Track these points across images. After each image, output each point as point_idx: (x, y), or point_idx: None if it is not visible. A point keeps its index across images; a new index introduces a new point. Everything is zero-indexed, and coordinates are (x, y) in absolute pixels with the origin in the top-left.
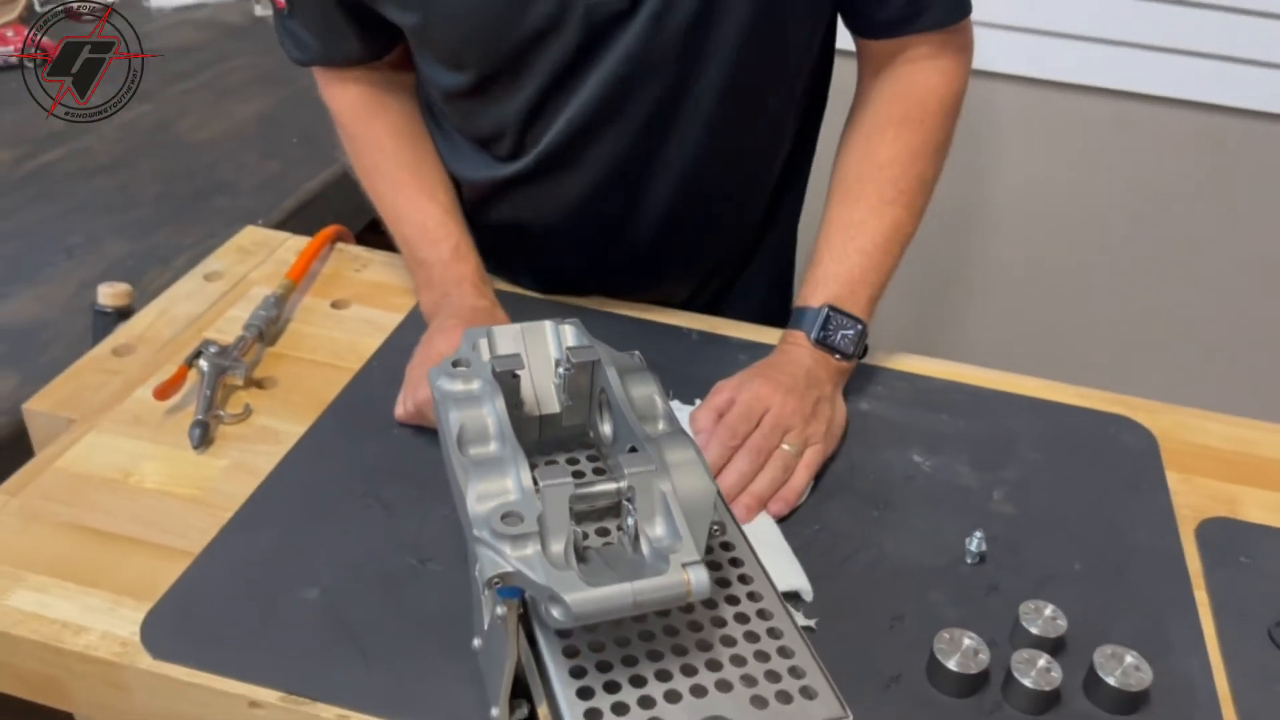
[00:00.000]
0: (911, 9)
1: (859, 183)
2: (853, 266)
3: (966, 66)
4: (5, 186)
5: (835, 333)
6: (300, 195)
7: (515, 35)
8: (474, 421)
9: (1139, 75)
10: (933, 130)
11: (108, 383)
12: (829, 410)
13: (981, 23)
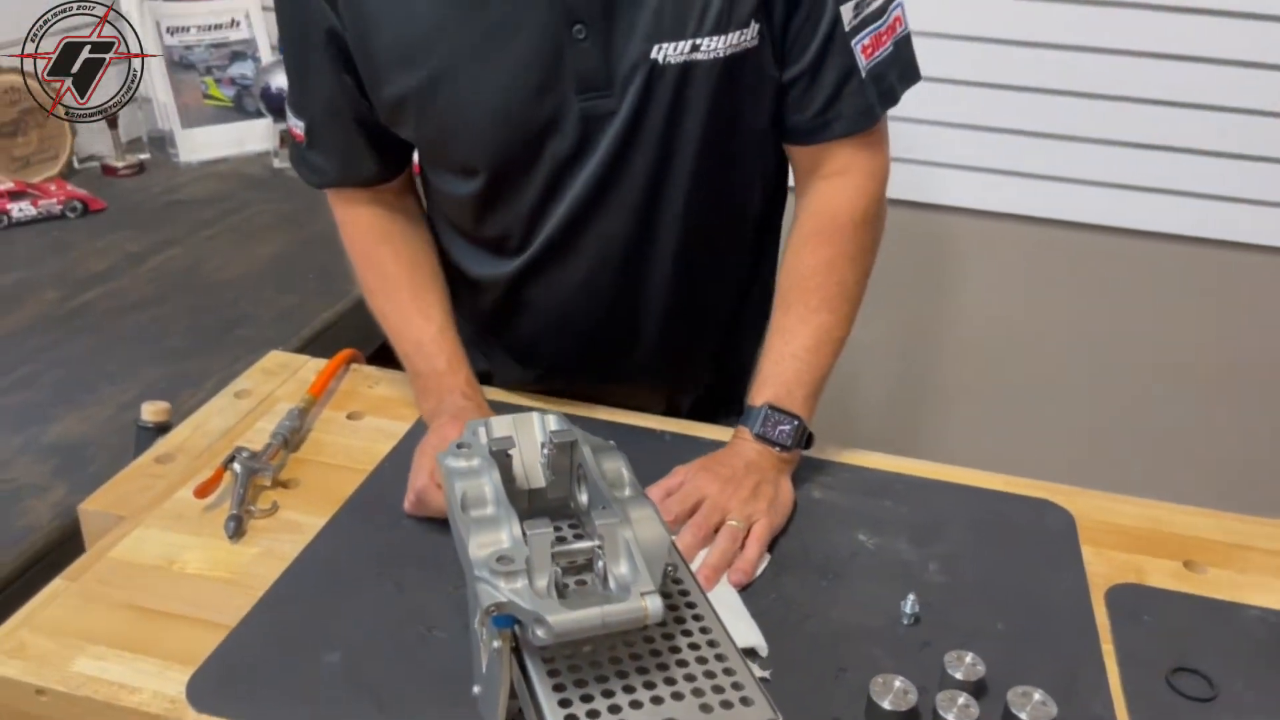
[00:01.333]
0: (821, 119)
1: (789, 292)
2: (787, 369)
3: (878, 178)
4: (52, 322)
5: (774, 428)
6: (316, 325)
7: (520, 141)
8: (474, 490)
9: (1049, 204)
10: (845, 243)
11: (152, 486)
12: (771, 490)
13: (946, 164)
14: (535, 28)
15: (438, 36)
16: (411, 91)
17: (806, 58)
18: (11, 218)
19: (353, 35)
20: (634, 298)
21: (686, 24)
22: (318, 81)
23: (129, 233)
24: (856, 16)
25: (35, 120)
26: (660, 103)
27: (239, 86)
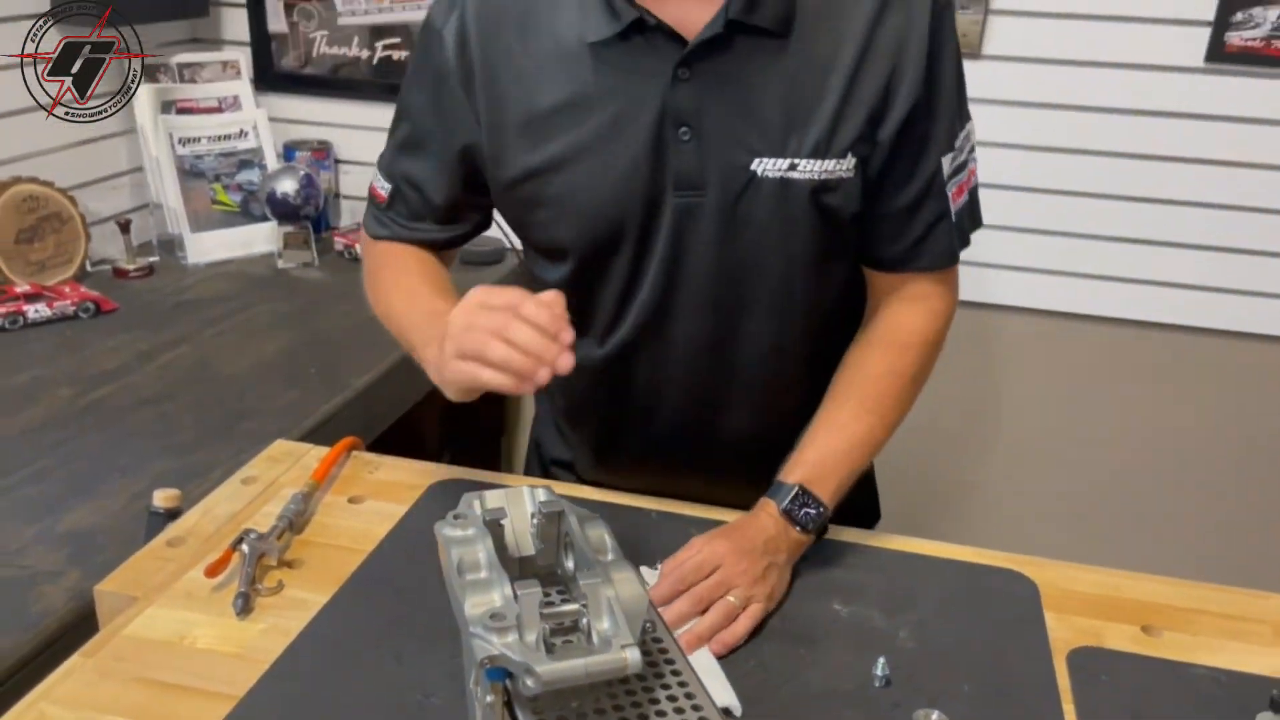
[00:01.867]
0: (912, 253)
1: (847, 388)
2: (827, 458)
3: (948, 311)
4: (66, 417)
5: (800, 509)
6: (318, 416)
7: (620, 225)
8: (469, 555)
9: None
10: (913, 360)
11: (164, 567)
12: (776, 577)
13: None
14: (645, 125)
15: (560, 125)
16: (531, 172)
17: (907, 197)
18: (28, 318)
19: (487, 112)
20: (718, 391)
21: (787, 144)
22: (424, 160)
23: (139, 332)
24: (952, 166)
25: (52, 226)
26: (751, 211)
27: (245, 192)
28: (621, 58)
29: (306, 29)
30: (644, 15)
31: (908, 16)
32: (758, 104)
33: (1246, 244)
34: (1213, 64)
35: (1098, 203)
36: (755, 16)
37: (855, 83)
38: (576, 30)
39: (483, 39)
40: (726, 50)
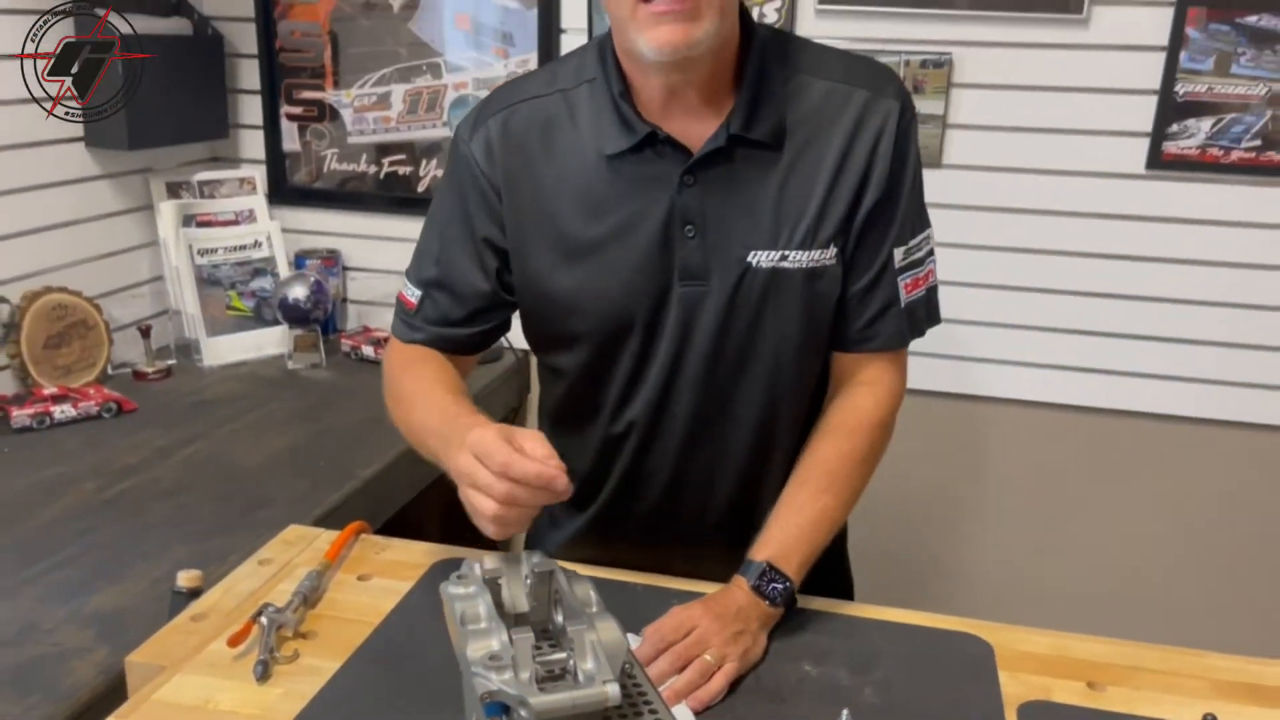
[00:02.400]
0: (864, 333)
1: (806, 472)
2: (790, 537)
3: (897, 395)
4: (91, 509)
5: (768, 584)
6: (328, 504)
7: (631, 314)
8: (470, 609)
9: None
10: (862, 443)
11: (189, 639)
12: (749, 640)
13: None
14: (655, 225)
15: (579, 226)
16: (553, 267)
17: (863, 281)
18: (54, 418)
19: (511, 218)
20: (711, 465)
21: (779, 238)
22: (453, 262)
23: (158, 430)
24: (905, 260)
25: (79, 332)
26: (748, 297)
27: (259, 299)
28: (635, 167)
29: (318, 147)
30: (655, 130)
31: (880, 127)
32: (754, 205)
33: (1192, 335)
34: (1153, 170)
35: (1046, 297)
36: (752, 132)
37: (835, 185)
38: (594, 143)
39: (507, 150)
40: (727, 160)
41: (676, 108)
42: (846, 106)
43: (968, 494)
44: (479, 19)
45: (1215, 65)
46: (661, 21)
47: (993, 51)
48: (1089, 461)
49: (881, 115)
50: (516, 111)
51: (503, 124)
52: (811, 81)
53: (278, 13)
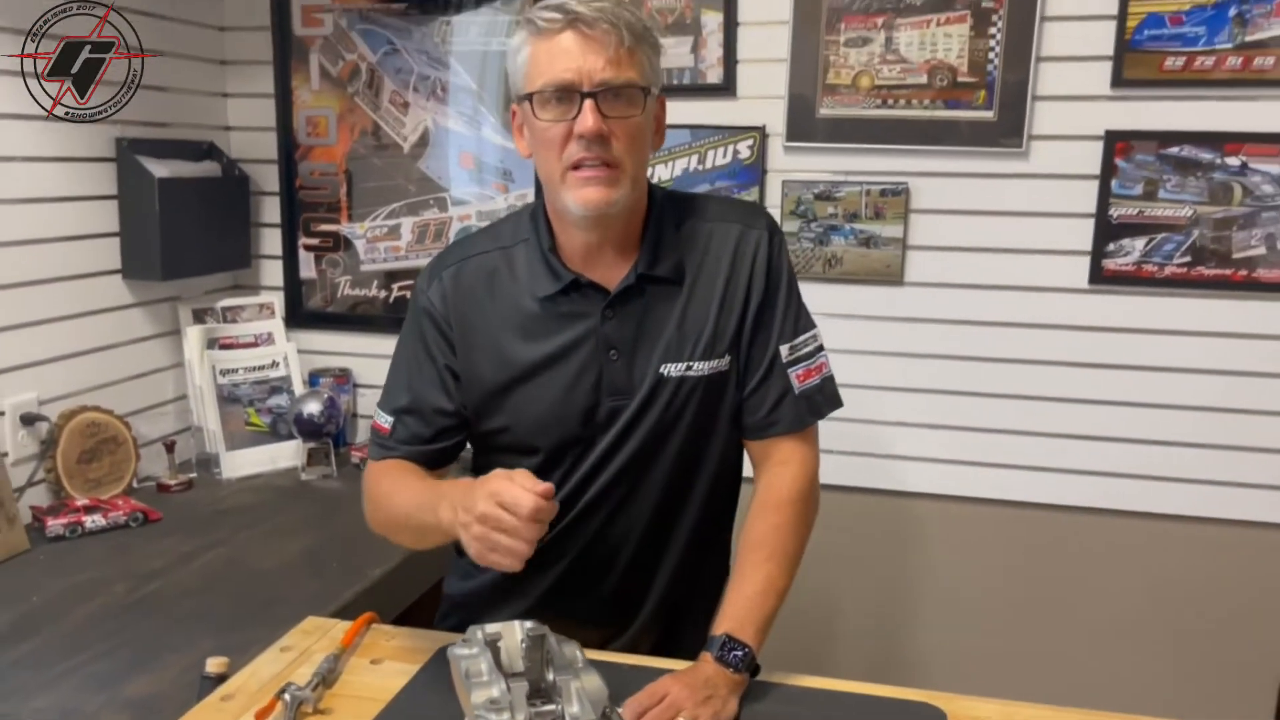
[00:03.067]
0: (767, 420)
1: (745, 549)
2: (741, 609)
3: (811, 467)
4: (122, 608)
5: (729, 654)
6: (341, 601)
7: (568, 427)
8: (474, 665)
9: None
10: (789, 515)
11: (219, 717)
12: (718, 705)
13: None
14: (585, 351)
15: (519, 355)
16: (499, 390)
17: (757, 377)
18: (85, 528)
19: (462, 355)
20: (621, 540)
21: (684, 352)
22: (418, 388)
23: (182, 537)
24: (791, 355)
25: (109, 448)
26: (663, 401)
27: (275, 415)
28: (563, 307)
29: (332, 275)
30: (578, 277)
31: (753, 252)
32: (662, 328)
33: (1133, 434)
34: (1094, 285)
35: (1001, 402)
36: (656, 270)
37: (724, 304)
38: (529, 288)
39: (458, 296)
40: (639, 295)
41: (595, 260)
42: (726, 240)
43: (923, 581)
44: (481, 158)
45: (1144, 191)
46: (587, 184)
47: (945, 181)
48: (1036, 551)
49: (753, 242)
50: (465, 265)
51: (454, 275)
52: (699, 224)
53: (298, 155)
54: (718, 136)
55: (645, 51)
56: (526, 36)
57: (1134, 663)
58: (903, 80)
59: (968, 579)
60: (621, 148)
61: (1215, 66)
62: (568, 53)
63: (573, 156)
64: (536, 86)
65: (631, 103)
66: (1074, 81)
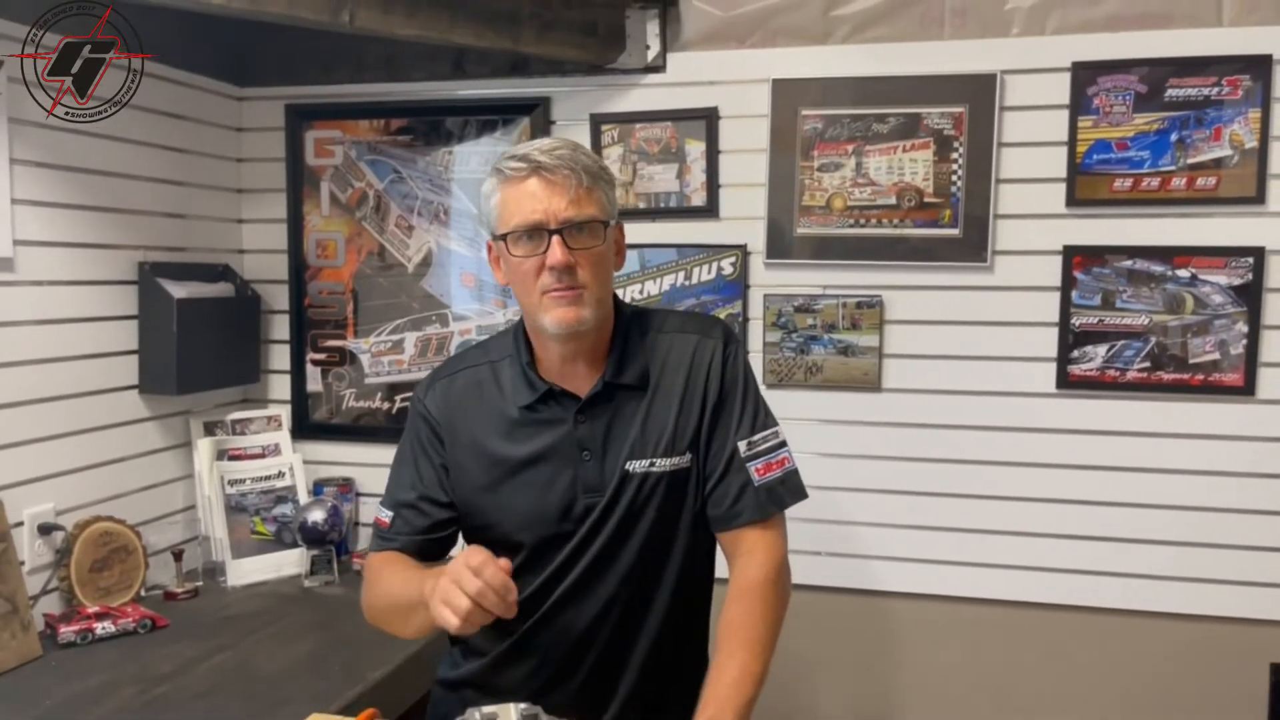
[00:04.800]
0: (730, 512)
1: (721, 638)
2: (720, 694)
3: (777, 553)
4: (133, 711)
5: None
6: (343, 701)
7: (547, 523)
8: None
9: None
10: (758, 599)
11: None
12: None
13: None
14: (561, 452)
15: (504, 463)
16: (485, 488)
17: (718, 472)
18: (95, 634)
19: (452, 457)
20: (596, 623)
21: (647, 450)
22: (417, 484)
23: (189, 642)
24: (749, 450)
25: (119, 557)
26: (629, 495)
27: (280, 524)
28: (540, 414)
29: (338, 388)
30: (551, 387)
31: (709, 365)
32: (628, 429)
33: (1102, 532)
34: (1061, 390)
35: (975, 502)
36: (622, 378)
37: (684, 406)
38: (512, 398)
39: (449, 404)
40: (607, 401)
41: (569, 371)
42: (684, 349)
43: (898, 676)
44: (481, 277)
45: (1102, 301)
46: (559, 304)
47: (916, 293)
48: (1010, 648)
49: (708, 351)
50: (457, 377)
51: (447, 386)
52: (659, 336)
53: (308, 275)
54: (702, 254)
55: (602, 188)
56: (496, 184)
57: None
58: (873, 201)
59: (941, 673)
60: (587, 274)
61: (1161, 187)
62: (534, 196)
63: (546, 285)
64: (510, 227)
65: (593, 234)
66: (1032, 201)
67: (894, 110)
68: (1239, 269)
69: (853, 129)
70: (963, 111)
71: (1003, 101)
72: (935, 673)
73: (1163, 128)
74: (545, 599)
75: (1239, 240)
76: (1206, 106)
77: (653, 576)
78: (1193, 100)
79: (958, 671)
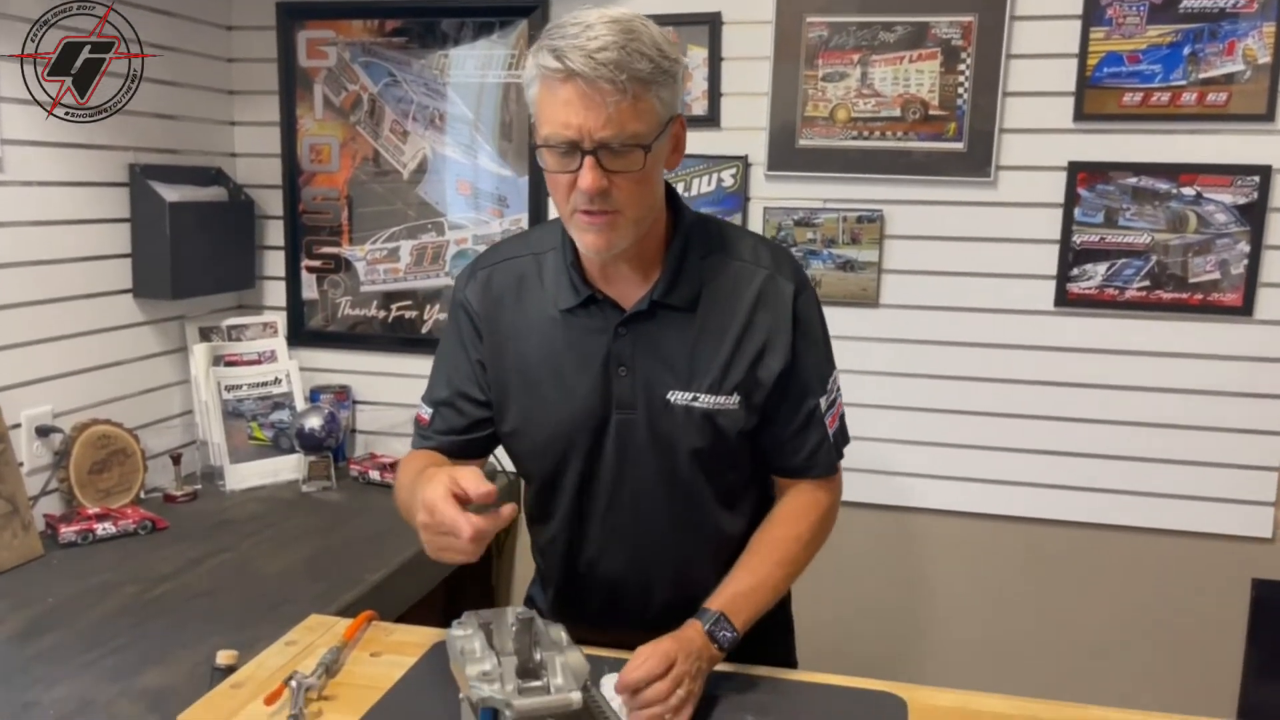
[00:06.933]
0: (804, 466)
1: (758, 545)
2: (740, 594)
3: (835, 495)
4: (134, 609)
5: (719, 630)
6: (341, 603)
7: (580, 433)
8: (468, 645)
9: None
10: (807, 528)
11: (230, 702)
12: (701, 679)
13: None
14: (596, 364)
15: (539, 364)
16: (519, 393)
17: (793, 428)
18: (96, 535)
19: (490, 351)
20: (647, 560)
21: (691, 384)
22: (457, 382)
23: (189, 544)
24: (827, 404)
25: (118, 460)
26: (667, 425)
27: (277, 429)
28: (581, 319)
29: (333, 295)
30: (595, 293)
31: (777, 308)
32: (672, 356)
33: (1097, 450)
34: (1060, 307)
35: (970, 419)
36: (671, 299)
37: (739, 347)
38: (553, 298)
39: (490, 296)
40: (651, 319)
41: (613, 274)
42: (750, 283)
43: (899, 586)
44: (478, 185)
45: (1105, 219)
46: (589, 229)
47: (918, 208)
48: (1005, 560)
49: (779, 291)
50: (499, 268)
51: (488, 277)
52: (726, 261)
53: (302, 180)
54: (703, 165)
55: (655, 92)
56: (535, 74)
57: (1101, 663)
58: (877, 113)
59: (930, 586)
60: (623, 196)
61: (1171, 102)
62: (569, 106)
63: (576, 205)
64: (543, 134)
65: (632, 158)
66: (1039, 115)
67: (901, 19)
68: (1244, 188)
69: (859, 37)
70: (972, 20)
71: (1013, 10)
72: (924, 585)
73: (1176, 40)
74: (575, 521)
75: (1246, 158)
76: (1221, 19)
77: (684, 511)
78: (1208, 12)
79: (948, 584)
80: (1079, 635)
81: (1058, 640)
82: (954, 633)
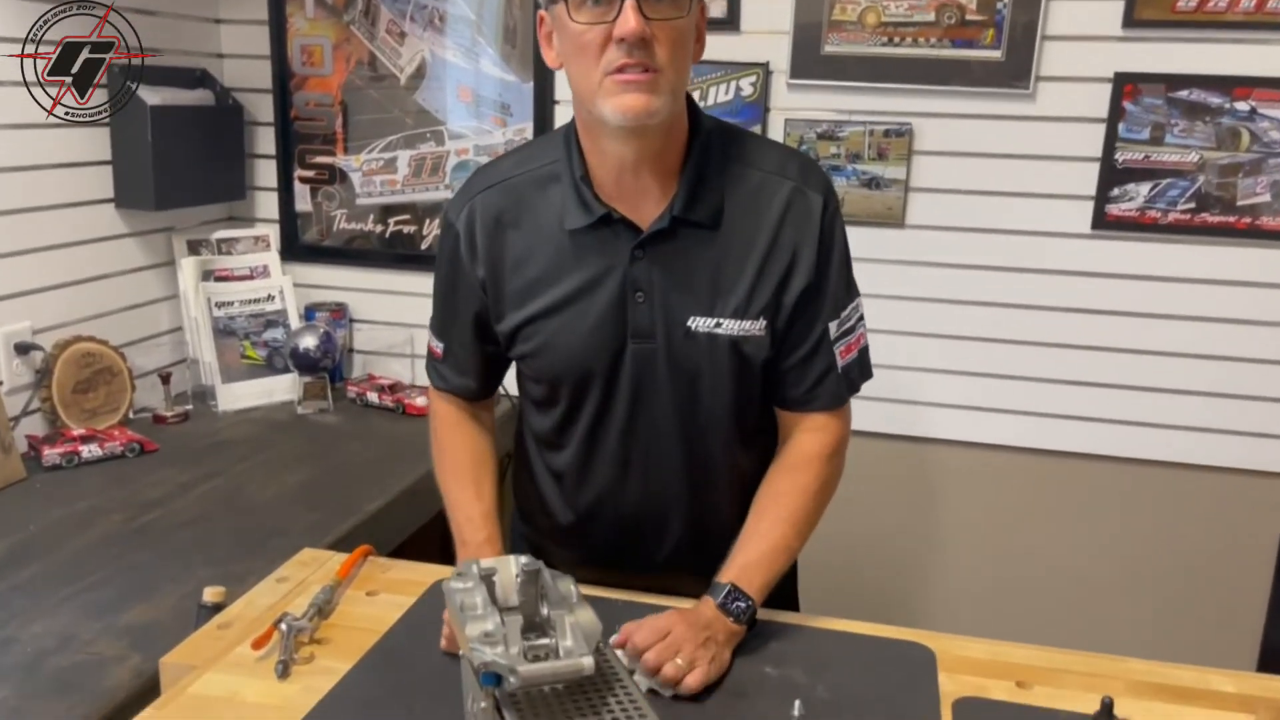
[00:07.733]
0: (807, 397)
1: (765, 503)
2: (752, 562)
3: (841, 435)
4: (120, 538)
5: (732, 603)
6: (336, 534)
7: (592, 362)
8: (469, 599)
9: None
10: (814, 477)
11: (216, 644)
12: (715, 649)
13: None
14: (611, 289)
15: (545, 289)
16: (525, 323)
17: (800, 353)
18: (81, 457)
19: (490, 283)
20: (662, 497)
21: (714, 308)
22: (460, 321)
23: (178, 468)
24: (838, 331)
25: (104, 379)
26: (688, 355)
27: (271, 348)
28: (593, 241)
29: (328, 208)
30: (610, 211)
31: (805, 221)
32: (693, 278)
33: (1133, 381)
34: (1097, 230)
35: (998, 346)
36: (693, 214)
37: (765, 267)
38: (558, 219)
39: (486, 225)
40: (671, 238)
41: (629, 188)
42: (776, 196)
43: (920, 523)
44: (479, 91)
45: (1150, 135)
46: (626, 90)
47: (949, 122)
48: (1029, 496)
49: (808, 205)
50: (494, 190)
51: (482, 204)
52: (748, 171)
53: (293, 84)
54: (720, 73)
55: None
56: None
57: (1125, 604)
58: (910, 17)
59: (959, 518)
60: (664, 53)
61: (1228, 8)
62: None
63: (612, 62)
64: None
65: (676, 3)
66: (1084, 21)
67: None
68: None
69: None
70: None
71: None
72: (942, 523)
73: None
74: (590, 450)
75: None
76: None
77: (703, 446)
78: None
79: (967, 521)
80: (1103, 574)
81: (1082, 580)
82: (971, 572)
